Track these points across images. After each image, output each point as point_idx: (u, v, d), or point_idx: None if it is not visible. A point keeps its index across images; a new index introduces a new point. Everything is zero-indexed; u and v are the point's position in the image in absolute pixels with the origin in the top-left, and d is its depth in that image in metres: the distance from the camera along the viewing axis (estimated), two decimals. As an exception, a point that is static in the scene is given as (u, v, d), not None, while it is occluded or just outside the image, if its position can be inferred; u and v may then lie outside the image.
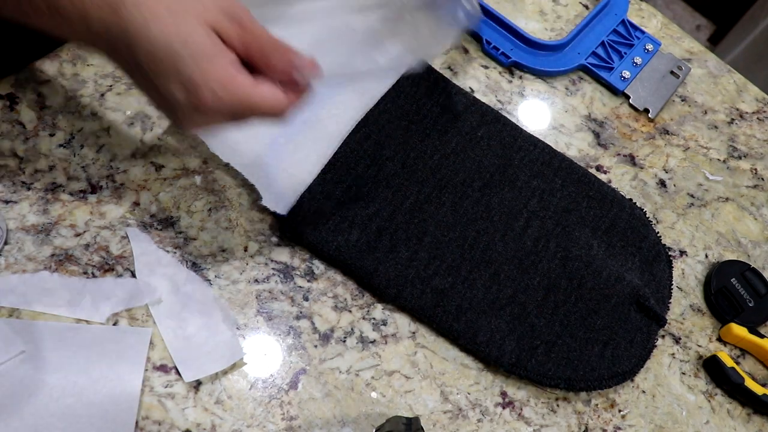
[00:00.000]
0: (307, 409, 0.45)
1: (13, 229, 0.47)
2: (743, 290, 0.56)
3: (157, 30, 0.36)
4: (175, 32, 0.36)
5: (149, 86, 0.38)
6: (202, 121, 0.39)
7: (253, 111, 0.39)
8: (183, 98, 0.37)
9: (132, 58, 0.37)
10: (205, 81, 0.37)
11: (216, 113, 0.38)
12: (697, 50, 0.70)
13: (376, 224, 0.51)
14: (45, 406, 0.41)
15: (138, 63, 0.37)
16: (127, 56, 0.37)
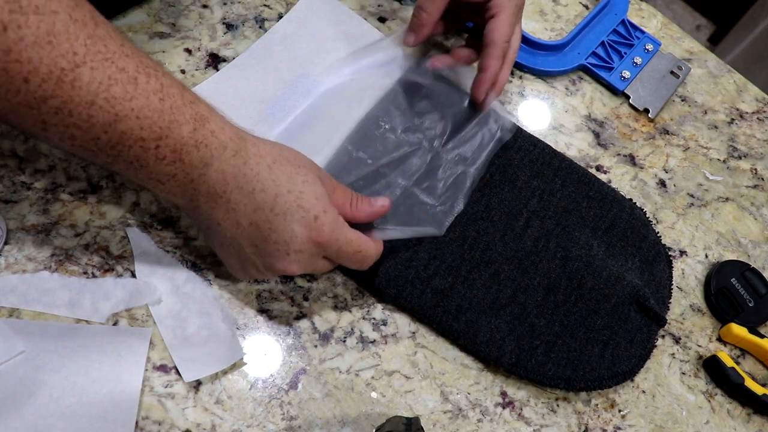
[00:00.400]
0: (307, 409, 0.45)
1: (13, 229, 0.47)
2: (743, 290, 0.56)
3: (280, 171, 0.42)
4: (298, 174, 0.43)
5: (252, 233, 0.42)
6: (299, 261, 0.43)
7: (356, 252, 0.45)
8: (302, 232, 0.42)
9: (251, 202, 0.41)
10: (326, 216, 0.42)
11: (325, 248, 0.43)
12: (697, 50, 0.70)
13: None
14: (45, 406, 0.41)
15: (257, 205, 0.41)
16: (242, 201, 0.42)
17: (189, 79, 0.55)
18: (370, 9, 0.63)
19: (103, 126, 0.36)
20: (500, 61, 0.54)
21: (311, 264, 0.44)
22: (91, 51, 0.35)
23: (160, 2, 0.58)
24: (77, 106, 0.35)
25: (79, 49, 0.35)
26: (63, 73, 0.34)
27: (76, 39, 0.35)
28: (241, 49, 0.57)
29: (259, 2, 0.60)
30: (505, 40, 0.53)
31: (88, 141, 0.37)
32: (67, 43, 0.34)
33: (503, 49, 0.53)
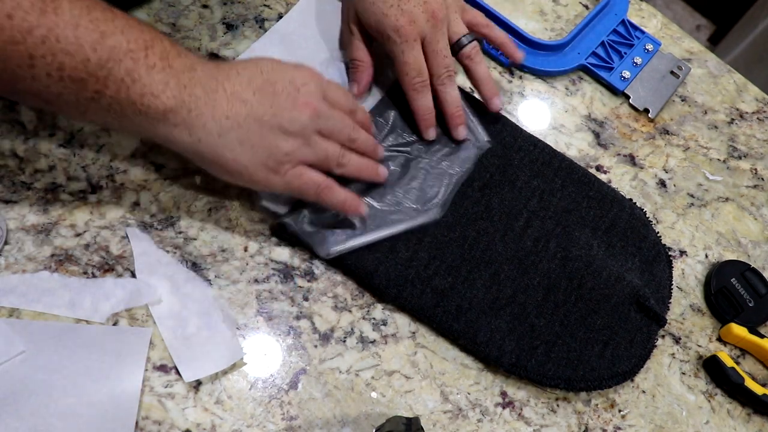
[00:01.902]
0: (307, 409, 0.45)
1: (13, 229, 0.47)
2: (743, 290, 0.56)
3: (250, 59, 0.48)
4: (263, 57, 0.48)
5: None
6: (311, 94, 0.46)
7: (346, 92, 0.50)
8: (297, 72, 0.47)
9: (241, 81, 0.45)
10: (305, 65, 0.48)
11: (319, 79, 0.48)
12: (697, 50, 0.70)
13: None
14: (45, 406, 0.41)
15: (248, 79, 0.45)
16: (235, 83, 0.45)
17: (189, 79, 0.55)
18: (370, 9, 0.63)
19: (92, 44, 0.38)
20: (419, 93, 0.53)
21: (323, 104, 0.46)
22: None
23: (160, 2, 0.58)
24: (63, 30, 0.37)
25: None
26: (44, 4, 0.37)
27: None
28: (241, 49, 0.57)
29: (259, 2, 0.60)
30: (412, 76, 0.52)
31: (77, 65, 0.38)
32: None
33: (413, 83, 0.52)
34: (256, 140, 0.44)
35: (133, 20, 0.41)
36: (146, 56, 0.40)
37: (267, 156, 0.44)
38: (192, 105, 0.42)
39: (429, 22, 0.51)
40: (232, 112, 0.43)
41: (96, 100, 0.40)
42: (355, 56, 0.55)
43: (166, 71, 0.41)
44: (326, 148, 0.47)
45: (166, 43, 0.42)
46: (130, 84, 0.40)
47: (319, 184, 0.47)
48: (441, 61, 0.53)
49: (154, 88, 0.41)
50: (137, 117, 0.41)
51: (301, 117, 0.45)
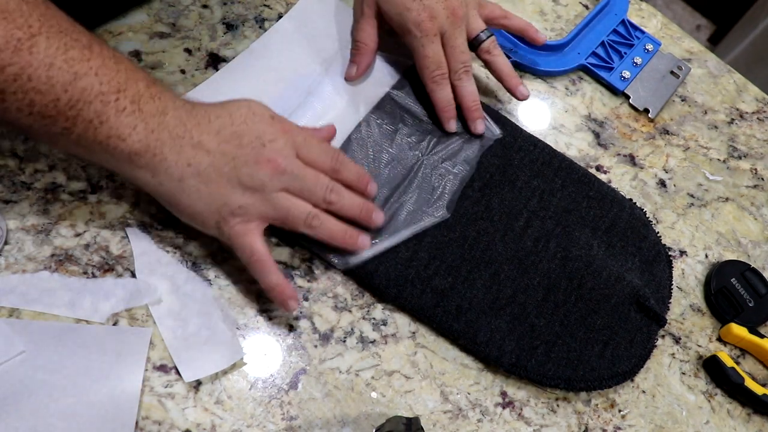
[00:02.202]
0: (307, 409, 0.45)
1: (13, 229, 0.47)
2: (743, 290, 0.56)
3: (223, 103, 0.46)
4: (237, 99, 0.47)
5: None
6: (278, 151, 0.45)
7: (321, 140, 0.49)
8: (267, 127, 0.45)
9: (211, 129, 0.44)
10: (278, 116, 0.47)
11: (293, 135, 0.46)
12: (697, 50, 0.70)
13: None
14: (45, 406, 0.41)
15: (218, 128, 0.44)
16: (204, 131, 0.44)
17: (189, 79, 0.55)
18: (370, 9, 0.63)
19: (63, 85, 0.38)
20: (439, 85, 0.54)
21: (292, 162, 0.45)
22: (45, 24, 0.39)
23: (160, 2, 0.58)
24: (36, 69, 0.38)
25: (34, 23, 0.38)
26: (20, 42, 0.37)
27: (30, 15, 0.38)
28: (241, 49, 0.57)
29: (259, 2, 0.60)
30: (432, 69, 0.54)
31: (48, 104, 0.38)
32: (21, 18, 0.38)
33: (433, 76, 0.54)
34: (212, 190, 0.44)
35: (112, 59, 0.41)
36: (117, 99, 0.40)
37: (220, 206, 0.44)
38: (157, 150, 0.42)
39: (449, 19, 0.53)
40: (194, 160, 0.43)
41: (65, 135, 0.40)
42: (359, 38, 0.56)
43: (135, 115, 0.41)
44: (289, 207, 0.45)
45: (141, 86, 0.42)
46: (98, 125, 0.40)
47: (251, 255, 0.45)
48: (458, 57, 0.54)
49: (122, 132, 0.41)
50: (104, 155, 0.42)
51: (260, 173, 0.44)
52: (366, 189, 0.49)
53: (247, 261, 0.45)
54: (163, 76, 0.55)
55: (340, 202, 0.47)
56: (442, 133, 0.56)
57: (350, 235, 0.48)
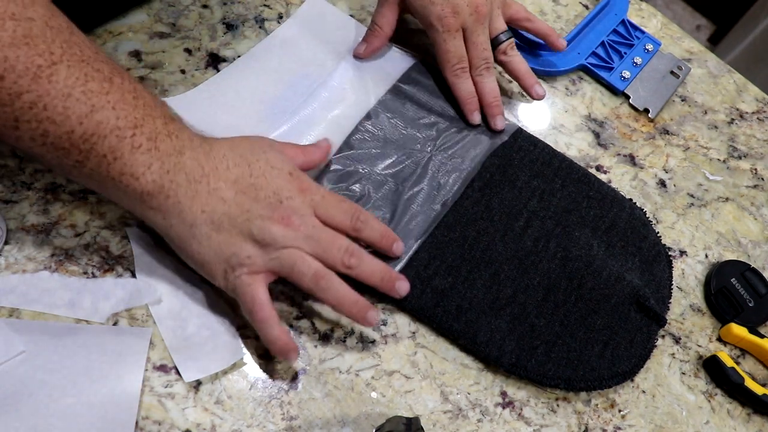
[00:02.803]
0: (307, 409, 0.45)
1: (13, 229, 0.47)
2: (743, 290, 0.56)
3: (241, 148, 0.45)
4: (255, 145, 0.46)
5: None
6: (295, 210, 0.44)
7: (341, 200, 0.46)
8: (285, 184, 0.44)
9: (228, 177, 0.43)
10: (297, 171, 0.46)
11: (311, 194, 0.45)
12: (697, 50, 0.70)
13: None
14: (45, 406, 0.41)
15: (236, 178, 0.43)
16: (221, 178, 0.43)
17: (189, 79, 0.55)
18: (370, 9, 0.63)
19: (79, 117, 0.38)
20: (460, 78, 0.56)
21: (308, 220, 0.43)
22: (67, 53, 0.38)
23: (160, 2, 0.58)
24: (53, 99, 0.37)
25: (56, 50, 0.37)
26: (40, 69, 0.36)
27: (52, 42, 0.37)
28: (241, 48, 0.57)
29: (259, 2, 0.60)
30: (453, 63, 0.55)
31: (61, 135, 0.38)
32: (43, 44, 0.37)
33: (454, 70, 0.55)
34: (223, 239, 0.42)
35: (131, 93, 0.40)
36: (133, 135, 0.39)
37: (229, 255, 0.43)
38: (171, 192, 0.41)
39: (472, 16, 0.54)
40: (208, 207, 0.42)
41: (77, 168, 0.40)
42: (377, 21, 0.57)
43: (151, 153, 0.40)
44: (295, 262, 0.43)
45: (158, 123, 0.41)
46: (111, 161, 0.39)
47: (253, 307, 0.43)
48: (480, 53, 0.56)
49: (135, 170, 0.40)
50: (116, 191, 0.41)
51: (272, 228, 0.43)
52: (391, 248, 0.48)
53: (249, 311, 0.43)
54: (163, 76, 0.55)
55: (360, 267, 0.45)
56: (450, 129, 0.56)
57: (360, 307, 0.45)
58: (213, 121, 0.53)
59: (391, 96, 0.56)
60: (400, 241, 0.48)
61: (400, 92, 0.57)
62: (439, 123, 0.56)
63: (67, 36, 0.38)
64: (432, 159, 0.54)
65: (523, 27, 0.60)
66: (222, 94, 0.54)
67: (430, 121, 0.56)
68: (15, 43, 0.36)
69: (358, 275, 0.45)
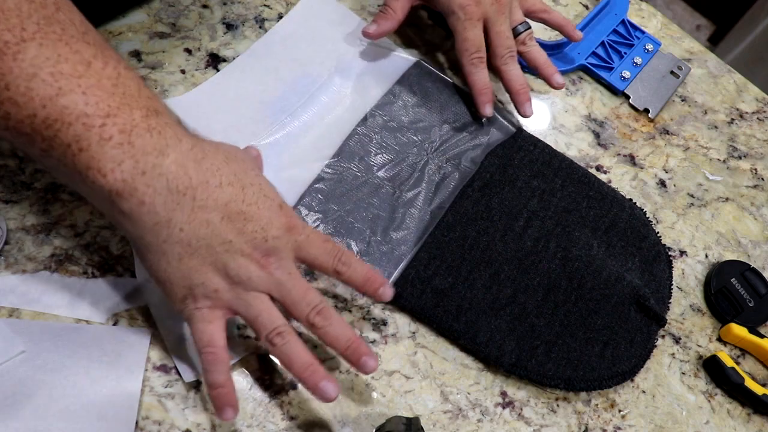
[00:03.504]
0: (307, 409, 0.45)
1: (13, 229, 0.47)
2: (743, 290, 0.56)
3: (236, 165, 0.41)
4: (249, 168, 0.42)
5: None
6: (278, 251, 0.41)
7: (325, 240, 0.43)
8: (275, 218, 0.40)
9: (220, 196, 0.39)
10: (286, 205, 0.42)
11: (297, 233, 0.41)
12: (697, 50, 0.70)
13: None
14: (45, 406, 0.41)
15: (228, 199, 0.39)
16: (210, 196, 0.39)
17: (189, 79, 0.55)
18: (371, 9, 0.63)
19: (42, 100, 0.34)
20: (476, 67, 0.55)
21: (285, 266, 0.41)
22: (43, 30, 0.35)
23: (160, 2, 0.58)
24: (16, 78, 0.34)
25: (30, 26, 0.34)
26: (6, 45, 0.33)
27: (28, 17, 0.34)
28: (241, 49, 0.57)
29: (259, 2, 0.60)
30: (471, 51, 0.55)
31: (23, 119, 0.34)
32: (16, 18, 0.34)
33: (472, 58, 0.55)
34: (194, 265, 0.39)
35: (111, 80, 0.36)
36: (103, 125, 0.35)
37: (197, 284, 0.39)
38: (146, 198, 0.36)
39: (493, 6, 0.55)
40: (188, 227, 0.38)
41: (45, 158, 0.36)
42: (390, 4, 0.57)
43: (122, 147, 0.35)
44: (261, 312, 0.40)
45: (137, 115, 0.36)
46: (76, 152, 0.35)
47: (207, 346, 0.40)
48: (503, 42, 0.56)
49: (103, 165, 0.35)
50: (84, 188, 0.37)
51: (249, 268, 0.40)
52: (377, 293, 0.44)
53: (202, 350, 0.40)
54: (163, 76, 0.55)
55: (325, 328, 0.41)
56: (448, 132, 0.56)
57: (310, 373, 0.40)
58: (212, 121, 0.53)
59: (388, 98, 0.56)
60: (388, 287, 0.44)
61: (397, 95, 0.57)
62: (436, 126, 0.56)
63: (50, 12, 0.35)
64: (429, 162, 0.54)
65: (539, 18, 0.61)
66: (222, 94, 0.54)
67: (428, 125, 0.56)
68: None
69: (322, 336, 0.42)
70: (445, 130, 0.56)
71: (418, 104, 0.57)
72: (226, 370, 0.40)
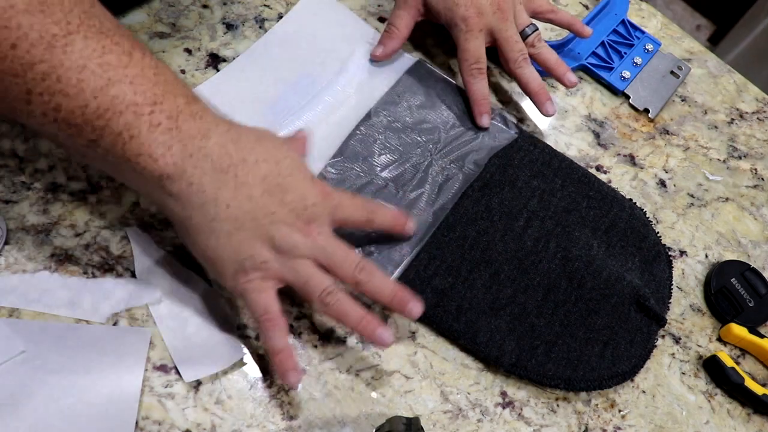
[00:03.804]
0: (307, 409, 0.45)
1: (13, 229, 0.47)
2: (743, 290, 0.56)
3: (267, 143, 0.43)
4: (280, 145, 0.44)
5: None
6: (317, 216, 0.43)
7: (353, 196, 0.46)
8: (311, 186, 0.43)
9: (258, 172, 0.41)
10: (315, 176, 0.44)
11: (331, 198, 0.44)
12: (697, 50, 0.70)
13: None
14: (45, 406, 0.41)
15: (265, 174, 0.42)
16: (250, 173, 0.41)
17: (189, 79, 0.55)
18: (370, 9, 0.63)
19: (93, 91, 0.35)
20: (475, 77, 0.56)
21: (325, 231, 0.43)
22: (85, 23, 0.36)
23: (160, 2, 0.58)
24: (67, 70, 0.35)
25: (73, 20, 0.35)
26: (54, 38, 0.34)
27: (70, 11, 0.35)
28: (241, 49, 0.57)
29: (259, 2, 0.60)
30: (471, 62, 0.56)
31: (74, 110, 0.35)
32: (60, 13, 0.35)
33: (471, 69, 0.56)
34: (242, 238, 0.41)
35: (152, 69, 0.38)
36: (152, 113, 0.37)
37: (246, 257, 0.41)
38: (194, 179, 0.39)
39: (496, 15, 0.55)
40: (234, 203, 0.40)
41: (92, 148, 0.37)
42: (394, 23, 0.57)
43: (171, 133, 0.38)
44: (310, 276, 0.42)
45: (180, 101, 0.39)
46: (127, 140, 0.37)
47: (264, 314, 0.42)
48: (513, 46, 0.56)
49: (154, 150, 0.37)
50: (132, 174, 0.39)
51: (294, 236, 0.42)
52: (403, 228, 0.48)
53: (259, 318, 0.42)
54: (163, 76, 0.55)
55: (371, 283, 0.44)
56: (451, 133, 0.56)
57: (366, 323, 0.43)
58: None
59: (391, 98, 0.56)
60: (412, 220, 0.48)
61: (400, 94, 0.57)
62: (440, 127, 0.56)
63: (87, 7, 0.36)
64: (433, 163, 0.54)
65: (547, 19, 0.61)
66: (223, 94, 0.54)
67: (431, 125, 0.56)
68: (30, 10, 0.34)
69: (368, 291, 0.44)
70: (449, 131, 0.56)
71: (422, 104, 0.57)
72: (285, 335, 0.42)
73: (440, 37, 0.63)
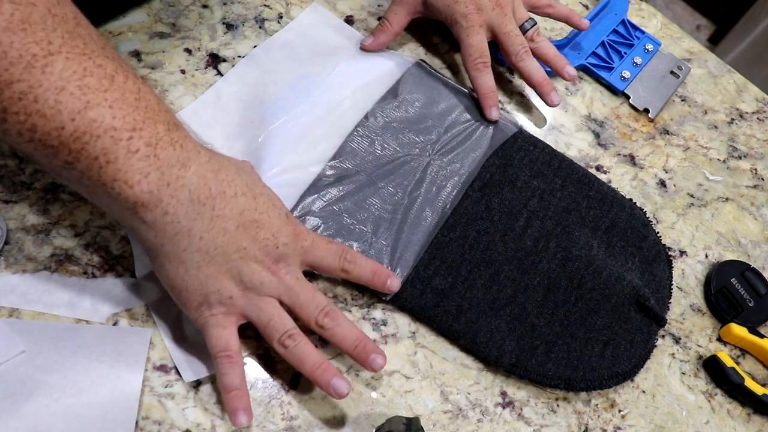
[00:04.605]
0: (307, 409, 0.45)
1: (13, 229, 0.47)
2: (743, 290, 0.56)
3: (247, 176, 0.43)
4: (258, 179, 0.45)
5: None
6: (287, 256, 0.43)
7: (329, 242, 0.46)
8: (284, 226, 0.43)
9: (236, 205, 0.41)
10: (290, 214, 0.45)
11: (303, 240, 0.44)
12: (697, 50, 0.70)
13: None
14: (45, 406, 0.41)
15: (242, 208, 0.41)
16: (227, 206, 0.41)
17: (189, 79, 0.55)
18: (371, 9, 0.63)
19: (71, 113, 0.35)
20: (481, 72, 0.57)
21: (293, 272, 0.43)
22: (68, 44, 0.35)
23: (160, 2, 0.58)
24: (45, 91, 0.34)
25: (55, 40, 0.35)
26: (34, 58, 0.34)
27: (53, 31, 0.35)
28: (241, 49, 0.57)
29: (259, 2, 0.60)
30: (475, 56, 0.57)
31: (50, 131, 0.35)
32: (42, 32, 0.34)
33: (475, 63, 0.57)
34: (211, 272, 0.40)
35: (133, 94, 0.37)
36: (130, 138, 0.36)
37: (212, 291, 0.41)
38: (170, 209, 0.38)
39: (495, 10, 0.56)
40: (207, 235, 0.40)
41: (67, 170, 0.37)
42: (387, 17, 0.58)
43: (149, 160, 0.37)
44: (272, 316, 0.42)
45: (161, 128, 0.38)
46: (103, 164, 0.36)
47: (224, 350, 0.41)
48: (514, 40, 0.57)
49: (130, 177, 0.36)
50: (106, 198, 0.38)
51: (261, 274, 0.42)
52: (385, 285, 0.47)
53: (218, 354, 0.41)
54: (163, 76, 0.55)
55: (333, 329, 0.43)
56: (449, 133, 0.56)
57: (322, 371, 0.42)
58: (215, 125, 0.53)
59: (389, 99, 0.56)
60: (395, 277, 0.48)
61: (398, 95, 0.57)
62: (437, 127, 0.56)
63: (72, 27, 0.36)
64: (431, 164, 0.54)
65: (545, 13, 0.62)
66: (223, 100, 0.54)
67: (429, 125, 0.56)
68: (11, 28, 0.33)
69: (330, 337, 0.43)
70: (447, 131, 0.56)
71: (420, 105, 0.57)
72: (240, 374, 0.42)
73: (439, 38, 0.63)
